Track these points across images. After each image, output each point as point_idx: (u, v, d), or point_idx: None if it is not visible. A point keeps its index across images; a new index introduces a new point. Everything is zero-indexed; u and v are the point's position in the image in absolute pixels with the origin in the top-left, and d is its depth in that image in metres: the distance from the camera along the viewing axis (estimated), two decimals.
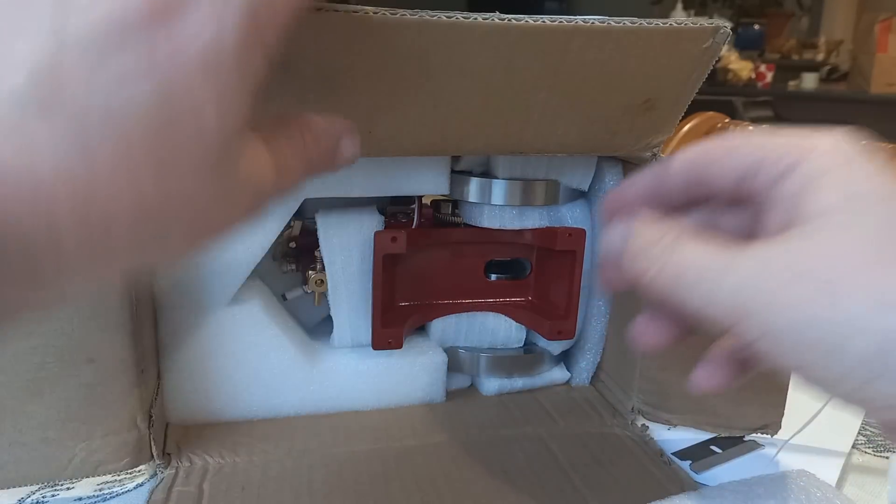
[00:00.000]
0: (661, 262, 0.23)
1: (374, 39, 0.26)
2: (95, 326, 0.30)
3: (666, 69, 0.30)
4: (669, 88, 0.31)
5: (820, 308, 0.19)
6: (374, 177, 0.35)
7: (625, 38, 0.27)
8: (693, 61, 0.30)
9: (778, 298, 0.20)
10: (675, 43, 0.29)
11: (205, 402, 0.36)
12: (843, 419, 0.39)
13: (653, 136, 0.33)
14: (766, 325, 0.20)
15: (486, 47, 0.27)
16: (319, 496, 0.31)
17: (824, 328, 0.19)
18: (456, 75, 0.28)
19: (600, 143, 0.32)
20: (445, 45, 0.26)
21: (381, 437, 0.36)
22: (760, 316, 0.20)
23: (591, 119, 0.31)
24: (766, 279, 0.20)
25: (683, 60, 0.29)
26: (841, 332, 0.19)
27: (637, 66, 0.29)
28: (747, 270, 0.21)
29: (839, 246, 0.20)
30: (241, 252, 0.35)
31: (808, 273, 0.20)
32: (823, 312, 0.19)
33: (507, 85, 0.28)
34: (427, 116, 0.29)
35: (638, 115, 0.31)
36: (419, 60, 0.27)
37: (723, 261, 0.21)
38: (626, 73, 0.29)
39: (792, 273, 0.20)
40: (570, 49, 0.27)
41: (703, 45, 0.29)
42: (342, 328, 0.38)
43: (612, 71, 0.29)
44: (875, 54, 2.43)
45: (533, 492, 0.31)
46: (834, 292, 0.19)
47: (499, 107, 0.29)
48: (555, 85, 0.29)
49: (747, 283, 0.21)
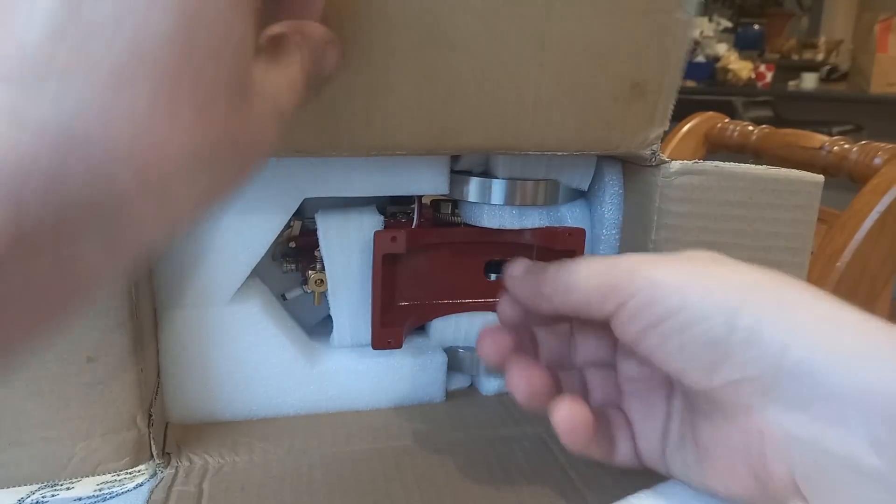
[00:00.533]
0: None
1: (364, 8, 0.26)
2: (95, 326, 0.30)
3: (645, 46, 0.30)
4: (654, 70, 0.31)
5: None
6: (373, 176, 0.35)
7: (598, 3, 0.29)
8: (669, 35, 0.30)
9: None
10: (645, 12, 0.29)
11: (204, 402, 0.36)
12: None
13: (648, 128, 0.33)
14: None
15: (470, 12, 0.27)
16: (319, 496, 0.31)
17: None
18: (445, 47, 0.28)
19: (598, 138, 0.33)
20: (431, 12, 0.27)
21: (381, 437, 0.36)
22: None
23: (584, 106, 0.31)
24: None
25: (661, 35, 0.30)
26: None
27: (615, 40, 0.30)
28: None
29: None
30: (240, 251, 0.35)
31: None
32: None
33: (496, 60, 0.29)
34: (423, 101, 0.29)
35: (629, 103, 0.32)
36: (407, 31, 0.27)
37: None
38: (608, 48, 0.30)
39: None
40: (551, 16, 0.28)
41: (675, 15, 0.29)
42: (342, 328, 0.38)
43: (593, 47, 0.29)
44: (875, 54, 2.43)
45: (533, 492, 0.31)
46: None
47: (494, 90, 0.30)
48: (542, 62, 0.29)
49: None
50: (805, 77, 2.77)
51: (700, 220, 0.34)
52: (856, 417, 0.22)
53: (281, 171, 0.34)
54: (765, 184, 0.34)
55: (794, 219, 0.35)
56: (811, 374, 0.22)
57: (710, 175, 0.34)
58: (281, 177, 0.34)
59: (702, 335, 0.24)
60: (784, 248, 0.35)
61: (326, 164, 0.35)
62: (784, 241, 0.35)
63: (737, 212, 0.34)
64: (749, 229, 0.34)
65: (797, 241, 0.35)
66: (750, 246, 0.35)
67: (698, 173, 0.33)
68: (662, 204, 0.34)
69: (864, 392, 0.22)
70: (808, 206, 0.35)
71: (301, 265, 0.38)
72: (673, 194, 0.34)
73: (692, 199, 0.34)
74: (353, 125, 0.30)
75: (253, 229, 0.35)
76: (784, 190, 0.34)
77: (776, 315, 0.24)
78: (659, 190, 0.34)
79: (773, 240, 0.35)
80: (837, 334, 0.23)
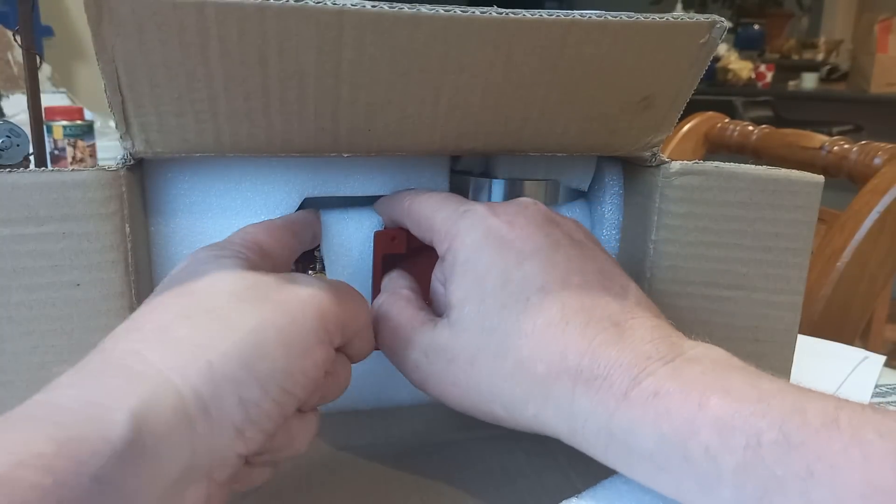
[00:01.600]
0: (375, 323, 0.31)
1: (371, 34, 0.26)
2: (95, 326, 0.30)
3: (663, 65, 0.30)
4: (667, 85, 0.31)
5: (458, 386, 0.28)
6: (373, 176, 0.35)
7: (621, 32, 0.28)
8: (690, 57, 0.30)
9: (441, 378, 0.29)
10: (672, 38, 0.29)
11: None
12: None
13: (652, 134, 0.33)
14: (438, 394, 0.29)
15: (484, 42, 0.27)
16: (318, 495, 0.31)
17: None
18: (454, 71, 0.28)
19: (599, 143, 0.33)
20: (443, 39, 0.26)
21: (381, 437, 0.36)
22: (430, 387, 0.29)
23: (590, 117, 0.31)
24: (432, 361, 0.29)
25: (680, 56, 0.30)
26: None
27: (634, 62, 0.29)
28: (421, 350, 0.29)
29: (465, 338, 0.28)
30: None
31: (453, 360, 0.28)
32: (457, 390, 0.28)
33: (505, 81, 0.28)
34: (426, 114, 0.29)
35: (637, 114, 0.31)
36: (417, 56, 0.27)
37: (407, 334, 0.30)
38: (624, 69, 0.29)
39: (445, 359, 0.28)
40: (567, 43, 0.28)
41: (700, 41, 0.29)
42: None
43: (609, 67, 0.29)
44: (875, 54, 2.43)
45: (533, 492, 0.31)
46: (464, 375, 0.28)
47: (498, 104, 0.29)
48: (553, 81, 0.29)
49: (420, 362, 0.29)
50: (805, 77, 2.77)
51: (700, 220, 0.34)
52: None
53: (281, 170, 0.34)
54: (765, 184, 0.34)
55: (794, 219, 0.35)
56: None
57: (710, 175, 0.34)
58: (281, 175, 0.34)
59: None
60: (784, 248, 0.35)
61: (327, 164, 0.35)
62: (784, 242, 0.35)
63: (737, 212, 0.34)
64: (749, 230, 0.34)
65: (797, 241, 0.35)
66: (750, 246, 0.35)
67: (698, 174, 0.33)
68: (662, 204, 0.34)
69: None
70: (808, 207, 0.35)
71: (300, 265, 0.38)
72: (673, 194, 0.34)
73: (692, 200, 0.34)
74: (354, 133, 0.30)
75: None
76: (784, 190, 0.34)
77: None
78: (659, 190, 0.34)
79: (773, 240, 0.35)
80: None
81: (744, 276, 0.35)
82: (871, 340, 1.20)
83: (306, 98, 0.28)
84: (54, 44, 2.02)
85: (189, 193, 0.34)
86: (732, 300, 0.35)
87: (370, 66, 0.27)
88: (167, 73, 0.26)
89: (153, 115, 0.28)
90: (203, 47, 0.26)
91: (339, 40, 0.26)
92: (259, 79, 0.27)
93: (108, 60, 0.26)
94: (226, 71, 0.26)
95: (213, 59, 0.26)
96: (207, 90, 0.27)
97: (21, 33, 0.48)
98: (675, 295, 0.35)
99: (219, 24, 0.25)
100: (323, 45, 0.26)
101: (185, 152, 0.30)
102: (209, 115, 0.28)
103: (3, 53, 1.39)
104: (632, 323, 0.26)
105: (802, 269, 0.36)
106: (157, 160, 0.32)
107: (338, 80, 0.27)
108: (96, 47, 0.25)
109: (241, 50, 0.26)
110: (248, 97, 0.27)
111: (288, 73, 0.27)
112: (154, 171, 0.33)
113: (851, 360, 0.47)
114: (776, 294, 0.35)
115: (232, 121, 0.28)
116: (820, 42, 3.03)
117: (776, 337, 0.36)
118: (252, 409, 0.22)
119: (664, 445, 0.23)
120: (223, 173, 0.34)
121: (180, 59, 0.26)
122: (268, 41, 0.26)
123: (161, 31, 0.25)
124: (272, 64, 0.26)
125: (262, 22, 0.25)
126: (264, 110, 0.28)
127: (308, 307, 0.25)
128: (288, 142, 0.30)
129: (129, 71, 0.26)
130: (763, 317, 0.36)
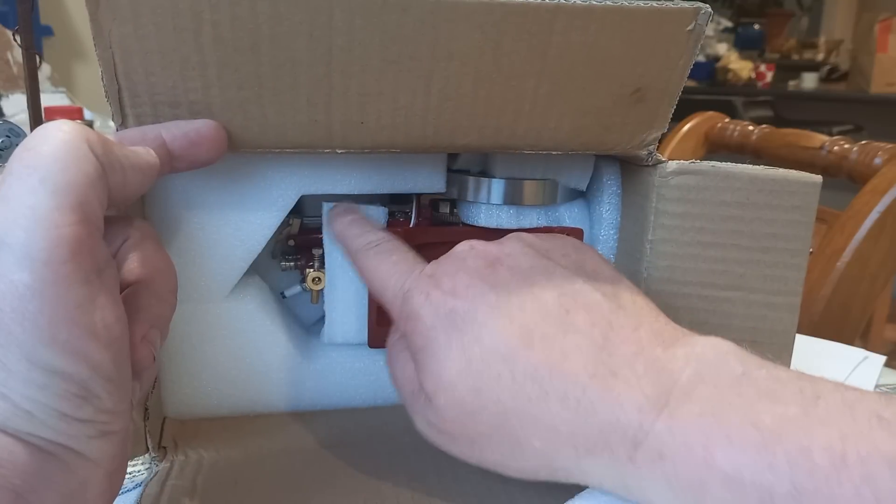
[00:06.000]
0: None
1: (360, 19, 0.26)
2: None
3: (651, 54, 0.30)
4: (657, 77, 0.31)
5: (468, 457, 0.29)
6: (369, 174, 0.35)
7: (607, 17, 0.28)
8: (678, 46, 0.30)
9: (450, 448, 0.29)
10: (658, 25, 0.29)
11: (201, 397, 0.36)
12: None
13: (646, 131, 0.33)
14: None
15: (472, 27, 0.27)
16: (312, 492, 0.31)
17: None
18: (443, 58, 0.28)
19: (594, 140, 0.32)
20: (432, 24, 0.27)
21: (375, 435, 0.36)
22: (444, 449, 0.29)
23: (582, 111, 0.31)
24: (436, 434, 0.29)
25: (668, 44, 0.30)
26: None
27: (622, 50, 0.29)
28: (424, 420, 0.29)
29: (453, 426, 0.27)
30: (237, 248, 0.35)
31: (454, 440, 0.28)
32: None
33: (496, 70, 0.29)
34: (418, 105, 0.29)
35: (629, 108, 0.31)
36: (406, 42, 0.27)
37: (408, 399, 0.30)
38: (612, 58, 0.30)
39: (448, 437, 0.28)
40: (554, 30, 0.28)
41: (686, 28, 0.29)
42: (333, 324, 0.38)
43: (598, 56, 0.29)
44: (875, 54, 2.43)
45: (526, 490, 0.31)
46: (468, 451, 0.28)
47: (490, 96, 0.30)
48: (543, 70, 0.29)
49: (427, 431, 0.29)
50: (805, 77, 2.77)
51: (697, 220, 0.34)
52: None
53: (277, 168, 0.34)
54: (762, 184, 0.34)
55: (792, 219, 0.35)
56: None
57: (707, 175, 0.33)
58: (277, 173, 0.34)
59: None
60: (782, 249, 0.35)
61: (323, 161, 0.35)
62: (782, 242, 0.35)
63: (734, 212, 0.34)
64: (746, 230, 0.34)
65: (795, 241, 0.35)
66: (747, 247, 0.35)
67: (695, 173, 0.33)
68: (659, 204, 0.34)
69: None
70: (806, 207, 0.35)
71: (300, 263, 0.38)
72: (669, 194, 0.34)
73: (689, 200, 0.34)
74: (347, 125, 0.30)
75: (250, 225, 0.35)
76: (782, 190, 0.34)
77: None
78: (655, 190, 0.34)
79: (770, 240, 0.35)
80: None
81: (741, 277, 0.35)
82: (871, 340, 1.20)
83: (298, 87, 0.28)
84: (54, 43, 2.02)
85: (186, 188, 0.34)
86: (730, 301, 0.35)
87: (360, 52, 0.27)
88: (162, 61, 0.27)
89: (148, 107, 0.28)
90: (196, 33, 0.26)
91: (329, 25, 0.26)
92: (252, 67, 0.27)
93: (105, 47, 0.26)
94: (219, 58, 0.27)
95: (207, 46, 0.26)
96: (201, 79, 0.27)
97: (21, 33, 0.48)
98: (671, 295, 0.35)
99: (212, 8, 0.26)
100: (313, 30, 0.27)
101: None
102: (203, 105, 0.28)
103: (3, 53, 1.39)
104: (612, 364, 0.25)
105: (800, 269, 0.35)
106: None
107: (329, 68, 0.28)
108: (94, 33, 0.26)
109: (234, 36, 0.26)
110: (242, 86, 0.28)
111: (280, 61, 0.27)
112: None
113: (851, 360, 0.47)
114: (774, 295, 0.35)
115: (226, 112, 0.28)
116: (820, 42, 3.02)
117: (774, 338, 0.36)
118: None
119: (680, 500, 0.23)
120: (220, 169, 0.34)
121: (174, 45, 0.26)
122: (259, 26, 0.26)
123: (155, 14, 0.25)
124: (264, 51, 0.27)
125: (253, 6, 0.26)
126: (257, 100, 0.28)
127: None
128: (282, 135, 0.30)
129: (125, 58, 0.26)
130: (761, 318, 0.36)
